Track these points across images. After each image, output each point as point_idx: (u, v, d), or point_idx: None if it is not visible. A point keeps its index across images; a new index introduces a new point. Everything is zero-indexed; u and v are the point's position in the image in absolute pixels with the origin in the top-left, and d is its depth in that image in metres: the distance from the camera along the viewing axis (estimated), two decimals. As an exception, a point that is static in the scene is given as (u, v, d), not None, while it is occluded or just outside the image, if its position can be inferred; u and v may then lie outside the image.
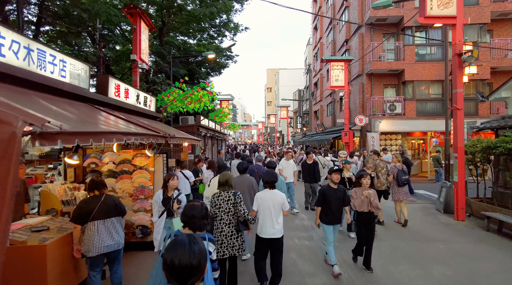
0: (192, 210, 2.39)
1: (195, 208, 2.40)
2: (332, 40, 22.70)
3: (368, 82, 16.36)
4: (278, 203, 3.81)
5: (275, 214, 3.79)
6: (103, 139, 3.27)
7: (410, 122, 15.02)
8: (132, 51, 9.18)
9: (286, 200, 3.90)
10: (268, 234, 3.78)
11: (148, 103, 8.06)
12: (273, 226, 3.77)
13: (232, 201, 3.62)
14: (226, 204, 3.61)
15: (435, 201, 9.30)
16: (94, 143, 3.16)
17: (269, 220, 3.78)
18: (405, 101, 15.26)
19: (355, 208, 4.64)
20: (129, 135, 3.85)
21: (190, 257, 1.29)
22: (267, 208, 3.79)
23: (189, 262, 1.28)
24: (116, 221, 3.63)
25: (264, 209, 3.81)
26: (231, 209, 3.60)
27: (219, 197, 3.67)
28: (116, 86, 6.15)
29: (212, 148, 21.86)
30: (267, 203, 3.80)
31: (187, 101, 8.37)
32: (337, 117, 21.60)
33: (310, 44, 34.05)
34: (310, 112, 31.65)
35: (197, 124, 15.09)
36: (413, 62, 15.10)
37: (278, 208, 3.81)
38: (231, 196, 3.65)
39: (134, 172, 5.38)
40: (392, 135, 15.80)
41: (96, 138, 3.00)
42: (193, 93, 8.28)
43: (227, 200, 3.63)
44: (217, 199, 3.67)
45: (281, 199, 3.84)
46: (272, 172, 4.08)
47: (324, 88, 25.44)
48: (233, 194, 3.67)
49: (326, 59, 16.24)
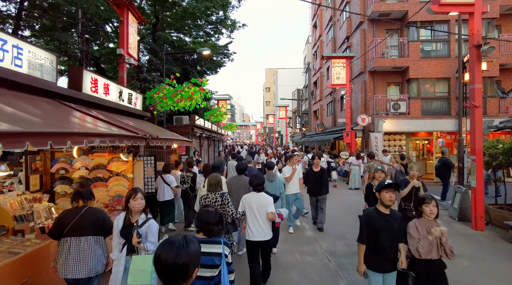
0: (206, 215, 2.36)
1: (210, 214, 2.37)
2: (332, 38, 22.01)
3: (371, 80, 15.66)
4: (263, 205, 3.76)
5: (261, 217, 3.75)
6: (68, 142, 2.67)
7: (415, 122, 14.33)
8: (119, 45, 8.44)
9: (271, 202, 3.82)
10: (256, 237, 3.74)
11: (134, 101, 7.32)
12: (260, 229, 3.74)
13: (219, 203, 3.64)
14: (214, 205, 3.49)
15: (447, 207, 8.60)
16: (55, 146, 2.56)
17: (256, 223, 3.76)
18: (409, 100, 14.57)
19: (419, 255, 2.90)
20: (94, 137, 3.12)
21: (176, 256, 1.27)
22: (251, 211, 3.77)
23: (174, 261, 1.26)
24: (94, 242, 2.99)
25: (249, 212, 3.80)
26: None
27: (207, 199, 3.70)
28: (93, 80, 5.40)
29: (209, 149, 21.11)
30: (252, 206, 3.77)
31: (177, 99, 7.64)
32: (338, 117, 20.91)
33: (310, 42, 33.37)
34: (309, 112, 30.96)
35: (192, 124, 14.35)
36: (418, 59, 14.40)
37: (263, 211, 3.76)
38: (218, 197, 3.68)
39: (110, 178, 4.64)
40: (396, 136, 15.11)
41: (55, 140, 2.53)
42: (184, 90, 7.54)
43: (214, 202, 3.64)
44: (204, 200, 3.69)
45: (266, 202, 3.77)
46: (258, 175, 4.05)
47: (324, 87, 24.74)
48: (220, 195, 3.70)
49: (327, 56, 15.54)
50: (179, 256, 1.27)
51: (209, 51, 13.55)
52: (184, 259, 1.27)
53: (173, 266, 1.26)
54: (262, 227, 3.74)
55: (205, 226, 2.35)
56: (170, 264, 1.26)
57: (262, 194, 3.86)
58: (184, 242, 1.33)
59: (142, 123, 7.29)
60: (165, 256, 1.26)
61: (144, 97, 8.74)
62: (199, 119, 15.46)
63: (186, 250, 1.30)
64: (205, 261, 2.21)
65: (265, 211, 3.75)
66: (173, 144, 6.87)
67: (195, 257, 1.33)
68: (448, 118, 14.18)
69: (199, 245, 1.40)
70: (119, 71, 8.56)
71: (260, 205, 3.76)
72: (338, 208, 8.82)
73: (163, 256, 1.27)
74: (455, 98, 14.24)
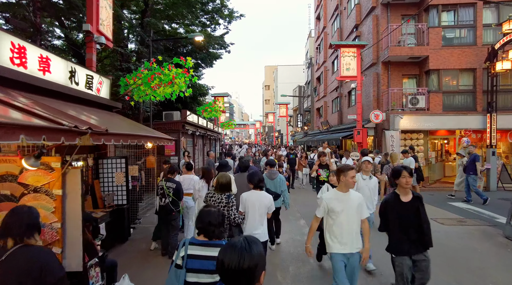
0: (208, 216, 2.23)
1: (212, 214, 2.24)
2: (338, 28, 20.30)
3: (385, 71, 13.96)
4: (264, 205, 3.73)
5: (260, 216, 3.71)
6: None
7: (435, 118, 12.64)
8: (86, 19, 6.72)
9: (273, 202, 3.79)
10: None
11: (96, 86, 5.59)
12: (257, 228, 3.67)
13: (223, 204, 3.53)
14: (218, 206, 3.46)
15: (493, 221, 6.93)
16: None
17: (253, 222, 3.69)
18: (429, 94, 12.88)
19: None
20: None
21: (239, 260, 1.21)
22: (252, 210, 3.71)
23: (238, 265, 1.21)
24: None
25: (249, 210, 3.73)
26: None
27: (212, 197, 3.60)
28: (17, 48, 3.67)
29: (204, 148, 19.38)
30: (253, 205, 3.70)
31: (155, 84, 5.92)
32: (345, 114, 19.22)
33: (312, 36, 31.66)
34: (312, 109, 29.26)
35: (182, 121, 12.61)
36: (439, 47, 12.72)
37: (264, 211, 3.73)
38: (223, 198, 3.56)
39: (23, 197, 2.91)
40: (412, 134, 13.40)
41: None
42: (163, 72, 5.82)
43: (219, 202, 3.55)
44: (209, 198, 3.62)
45: (268, 201, 3.74)
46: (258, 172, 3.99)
47: (328, 83, 23.04)
48: (226, 196, 3.57)
49: (336, 44, 13.81)
50: (242, 260, 1.21)
51: (202, 37, 11.84)
52: (249, 262, 1.21)
53: (238, 271, 1.20)
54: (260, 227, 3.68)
55: (206, 227, 2.20)
56: (234, 268, 1.20)
57: (263, 193, 3.80)
58: (246, 243, 1.26)
59: (108, 116, 5.57)
60: (228, 260, 1.22)
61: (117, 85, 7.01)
62: (191, 115, 13.73)
63: (249, 252, 1.23)
64: (205, 265, 2.10)
65: (266, 211, 3.72)
66: (148, 142, 5.15)
67: (260, 258, 1.25)
68: (473, 114, 12.51)
69: (261, 246, 1.30)
70: (86, 52, 6.85)
71: (263, 205, 3.70)
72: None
73: (226, 260, 1.22)
74: (481, 91, 12.57)
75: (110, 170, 6.16)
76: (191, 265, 2.15)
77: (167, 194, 5.53)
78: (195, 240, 2.23)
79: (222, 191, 3.58)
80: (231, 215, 3.49)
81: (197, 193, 5.62)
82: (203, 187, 5.48)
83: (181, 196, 5.69)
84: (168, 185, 5.56)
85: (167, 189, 5.57)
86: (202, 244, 2.17)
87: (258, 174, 3.90)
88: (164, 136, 5.89)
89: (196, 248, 2.20)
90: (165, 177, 5.78)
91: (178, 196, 5.57)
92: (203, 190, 5.45)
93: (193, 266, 2.14)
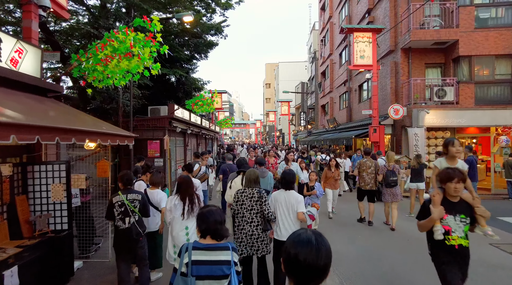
0: (212, 215, 2.09)
1: (215, 213, 2.11)
2: (346, 16, 18.39)
3: (405, 60, 12.06)
4: (292, 205, 3.63)
5: (289, 216, 3.63)
6: None
7: (466, 113, 10.74)
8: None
9: (302, 201, 3.67)
10: (284, 236, 3.53)
11: (9, 55, 3.68)
12: (290, 228, 3.57)
13: (255, 199, 3.51)
14: (249, 201, 3.51)
15: None
16: None
17: (284, 222, 3.64)
18: (458, 85, 10.98)
19: None
20: None
21: (317, 257, 1.16)
22: (281, 210, 3.67)
23: (316, 263, 1.16)
24: None
25: (278, 210, 3.69)
26: (254, 206, 3.50)
27: (243, 193, 3.58)
28: None
29: (198, 149, 17.49)
30: (281, 204, 3.67)
31: (108, 56, 4.04)
32: (355, 110, 17.33)
33: (316, 29, 29.74)
34: (316, 106, 27.34)
35: (169, 117, 10.72)
36: (471, 29, 10.82)
37: (293, 210, 3.64)
38: (255, 193, 3.54)
39: None
40: (438, 132, 11.50)
41: None
42: (117, 38, 3.93)
43: (251, 197, 3.52)
44: (241, 195, 3.58)
45: (296, 201, 3.64)
46: (289, 172, 3.84)
47: (335, 77, 21.14)
48: (257, 191, 3.56)
49: (348, 28, 11.89)
50: (320, 257, 1.17)
51: (191, 18, 9.94)
52: (326, 259, 1.18)
53: (315, 268, 1.16)
54: (291, 227, 3.57)
55: (213, 227, 2.07)
56: (312, 265, 1.16)
57: (292, 192, 3.72)
58: (320, 238, 1.21)
59: (32, 102, 3.68)
60: (305, 256, 1.16)
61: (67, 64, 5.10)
62: (181, 110, 11.84)
63: (326, 248, 1.20)
64: (213, 271, 1.99)
65: (295, 210, 3.63)
66: (85, 140, 3.27)
67: (331, 254, 1.21)
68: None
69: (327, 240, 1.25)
70: (22, 18, 4.97)
71: (289, 204, 3.65)
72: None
73: (302, 256, 1.17)
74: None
75: (44, 180, 4.28)
76: (197, 272, 1.99)
77: (131, 210, 3.77)
78: (199, 244, 2.06)
79: (251, 186, 3.57)
80: (265, 210, 3.46)
81: (167, 214, 3.80)
82: (177, 205, 3.73)
83: (149, 212, 4.02)
84: (131, 198, 3.82)
85: (130, 203, 3.78)
86: (208, 248, 2.03)
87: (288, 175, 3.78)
88: (120, 133, 4.01)
89: (201, 252, 2.03)
90: (123, 188, 3.93)
91: (145, 211, 3.91)
92: (176, 210, 3.72)
93: (200, 273, 1.98)
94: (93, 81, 5.22)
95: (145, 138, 10.64)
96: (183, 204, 3.67)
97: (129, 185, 3.98)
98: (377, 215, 7.40)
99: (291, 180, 3.75)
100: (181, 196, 3.70)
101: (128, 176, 4.08)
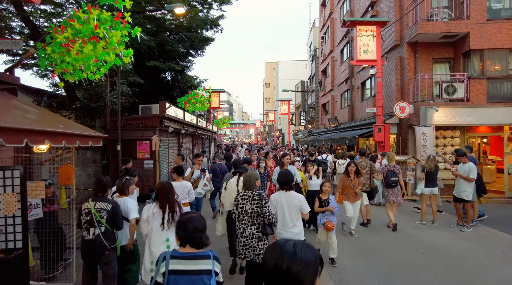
0: (192, 222, 2.01)
1: (195, 219, 2.02)
2: (348, 11, 17.69)
3: (411, 55, 11.35)
4: (295, 205, 3.56)
5: (290, 216, 3.56)
6: None
7: (478, 111, 10.02)
8: None
9: (305, 202, 3.60)
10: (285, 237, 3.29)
11: None
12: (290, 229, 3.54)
13: (255, 201, 3.40)
14: (250, 204, 3.41)
15: None
16: None
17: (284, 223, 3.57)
18: (469, 81, 10.27)
19: None
20: None
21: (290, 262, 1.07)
22: (283, 212, 3.59)
23: (285, 267, 1.07)
24: None
25: (279, 213, 3.62)
26: (254, 209, 3.40)
27: (243, 196, 3.48)
28: None
29: (194, 149, 16.79)
30: (281, 205, 3.60)
31: (68, 41, 3.34)
32: (357, 109, 16.64)
33: (316, 26, 29.03)
34: (316, 106, 26.63)
35: (160, 116, 10.01)
36: (483, 21, 10.11)
37: (294, 211, 3.57)
38: (255, 195, 3.43)
39: None
40: (446, 131, 10.78)
41: None
42: (78, 18, 3.22)
43: (251, 200, 3.42)
44: (241, 197, 3.48)
45: (298, 201, 3.56)
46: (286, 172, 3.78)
47: (336, 74, 20.44)
48: (257, 193, 3.45)
49: (351, 21, 11.19)
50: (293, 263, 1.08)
51: (183, 10, 9.24)
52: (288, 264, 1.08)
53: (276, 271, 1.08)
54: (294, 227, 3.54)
55: (192, 235, 1.98)
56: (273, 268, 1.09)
57: (292, 193, 3.62)
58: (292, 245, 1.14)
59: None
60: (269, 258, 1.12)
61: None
62: (173, 109, 11.14)
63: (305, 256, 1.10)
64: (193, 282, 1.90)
65: (298, 211, 3.57)
66: (36, 142, 2.57)
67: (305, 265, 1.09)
68: (527, 105, 9.89)
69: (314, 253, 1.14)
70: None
71: (292, 205, 3.56)
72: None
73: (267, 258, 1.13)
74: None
75: (-7, 189, 3.58)
76: (174, 282, 1.90)
77: (97, 220, 3.38)
78: (178, 253, 1.97)
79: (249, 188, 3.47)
80: (265, 212, 3.35)
81: (143, 226, 3.39)
82: (155, 214, 3.36)
83: (120, 224, 3.55)
84: (99, 207, 3.43)
85: (97, 212, 3.40)
86: (187, 257, 1.94)
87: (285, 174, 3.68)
88: (81, 133, 3.31)
89: (179, 261, 1.94)
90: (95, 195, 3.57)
91: (115, 223, 3.48)
92: (155, 220, 3.34)
93: (178, 283, 1.90)
94: (64, 74, 4.53)
95: (134, 139, 9.94)
96: (163, 212, 3.31)
97: (102, 192, 3.56)
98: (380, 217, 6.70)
99: (290, 180, 3.63)
100: (160, 204, 3.33)
101: (101, 183, 3.62)
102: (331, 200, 4.96)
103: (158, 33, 14.85)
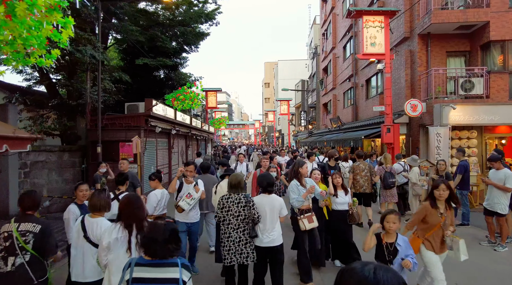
0: (151, 231, 1.89)
1: (157, 229, 1.87)
2: (351, 4, 16.71)
3: (422, 47, 10.36)
4: (276, 209, 3.50)
5: (271, 220, 3.47)
6: None
7: (499, 109, 9.02)
8: None
9: (284, 206, 3.55)
10: (264, 242, 3.43)
11: None
12: (269, 233, 3.44)
13: (242, 204, 3.35)
14: (236, 207, 3.34)
15: None
16: None
17: (268, 227, 3.45)
18: (489, 75, 9.27)
19: None
20: None
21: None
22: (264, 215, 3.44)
23: None
24: None
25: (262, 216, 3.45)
26: (241, 212, 3.34)
27: (229, 199, 3.40)
28: None
29: (187, 151, 15.78)
30: (263, 209, 3.45)
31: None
32: (361, 108, 15.64)
33: (317, 23, 28.08)
34: (317, 105, 25.65)
35: (145, 114, 9.00)
36: (504, 9, 9.12)
37: (276, 215, 3.51)
38: (241, 198, 3.38)
39: None
40: (462, 132, 9.76)
41: None
42: None
43: (237, 202, 3.36)
44: (226, 201, 3.40)
45: (279, 204, 3.51)
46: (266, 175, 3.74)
47: (338, 72, 19.46)
48: (244, 196, 3.41)
49: (357, 11, 10.19)
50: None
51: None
52: None
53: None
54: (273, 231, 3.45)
55: (147, 244, 1.86)
56: None
57: (273, 196, 3.58)
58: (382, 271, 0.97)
59: None
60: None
61: None
62: (162, 107, 10.12)
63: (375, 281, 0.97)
64: None
65: (277, 215, 3.51)
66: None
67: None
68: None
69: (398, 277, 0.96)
70: None
71: (274, 208, 3.47)
72: None
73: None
74: None
75: None
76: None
77: (20, 246, 2.64)
78: (142, 260, 1.86)
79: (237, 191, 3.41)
80: (254, 214, 3.32)
81: (103, 253, 2.52)
82: (120, 239, 2.51)
83: (53, 249, 2.82)
84: (24, 229, 2.69)
85: (20, 236, 2.66)
86: (152, 264, 1.83)
87: (266, 177, 3.61)
88: None
89: (143, 269, 1.82)
90: (21, 213, 2.83)
91: (43, 250, 2.73)
92: (118, 246, 2.50)
93: None
94: (4, 60, 3.53)
95: (117, 140, 8.93)
96: (129, 235, 2.51)
97: (31, 209, 2.79)
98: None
99: (272, 182, 3.60)
100: (125, 224, 2.51)
101: (31, 197, 2.84)
102: (400, 243, 2.94)
103: (150, 27, 13.87)
